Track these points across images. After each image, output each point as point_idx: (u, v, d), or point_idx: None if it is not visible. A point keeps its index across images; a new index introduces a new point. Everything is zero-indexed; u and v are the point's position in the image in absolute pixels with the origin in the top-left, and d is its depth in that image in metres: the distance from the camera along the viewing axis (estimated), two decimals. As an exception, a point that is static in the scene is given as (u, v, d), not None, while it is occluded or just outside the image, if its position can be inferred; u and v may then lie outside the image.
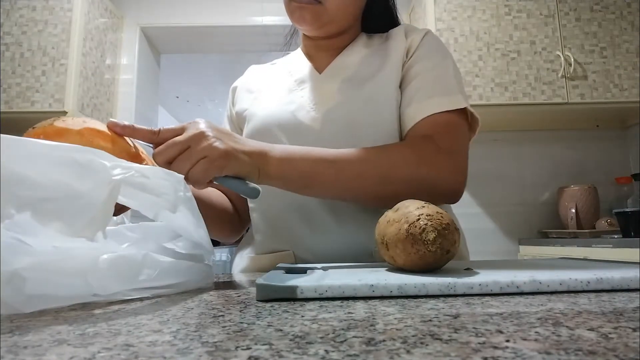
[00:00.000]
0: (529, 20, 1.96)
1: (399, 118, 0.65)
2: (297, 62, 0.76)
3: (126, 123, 0.47)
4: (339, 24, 0.70)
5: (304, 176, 0.54)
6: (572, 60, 1.91)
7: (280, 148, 0.54)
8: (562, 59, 1.91)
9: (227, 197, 0.77)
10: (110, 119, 0.47)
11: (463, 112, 0.63)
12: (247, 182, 0.51)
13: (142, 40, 2.47)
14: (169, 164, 0.47)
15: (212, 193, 0.74)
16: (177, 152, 0.47)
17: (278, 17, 2.44)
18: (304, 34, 0.76)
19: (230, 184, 0.50)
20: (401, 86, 0.67)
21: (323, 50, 0.74)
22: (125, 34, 2.41)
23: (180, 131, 0.49)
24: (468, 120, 0.65)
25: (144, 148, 0.50)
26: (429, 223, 0.37)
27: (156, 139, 0.48)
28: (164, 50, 2.76)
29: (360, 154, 0.56)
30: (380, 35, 0.75)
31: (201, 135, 0.48)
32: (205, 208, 0.70)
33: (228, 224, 0.75)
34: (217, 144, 0.47)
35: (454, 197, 0.60)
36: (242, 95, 0.78)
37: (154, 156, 0.48)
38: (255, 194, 0.51)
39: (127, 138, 0.48)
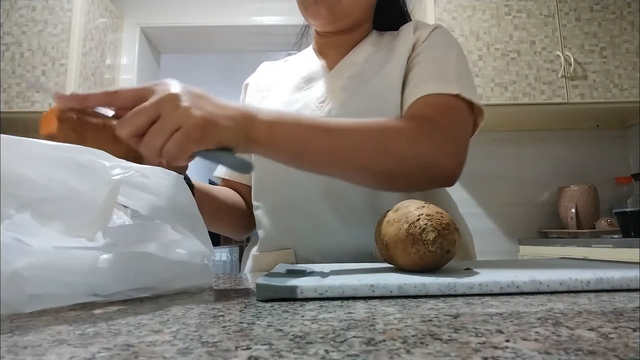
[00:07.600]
0: (529, 20, 1.96)
1: None
2: (308, 60, 0.77)
3: (71, 92, 0.40)
4: (353, 17, 0.70)
5: (296, 143, 0.47)
6: (572, 60, 1.91)
7: (267, 111, 0.47)
8: (562, 59, 1.90)
9: (239, 194, 0.78)
10: (57, 92, 0.40)
11: (464, 100, 0.61)
12: (236, 154, 0.43)
13: (142, 40, 2.47)
14: (137, 137, 0.40)
15: (223, 189, 0.75)
16: (145, 122, 0.39)
17: (278, 17, 2.44)
18: (315, 31, 0.76)
19: (214, 158, 0.43)
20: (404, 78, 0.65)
21: (335, 47, 0.74)
22: (125, 34, 2.41)
23: (145, 93, 0.40)
24: (471, 111, 0.63)
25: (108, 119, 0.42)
26: (429, 223, 0.37)
27: (115, 101, 0.41)
28: (164, 50, 2.76)
29: (358, 125, 0.51)
30: (391, 33, 0.74)
31: (172, 100, 0.39)
32: (216, 204, 0.71)
33: (239, 220, 0.76)
34: (192, 110, 0.39)
35: (450, 181, 0.57)
36: (252, 94, 0.79)
37: (117, 128, 0.40)
38: (246, 168, 0.43)
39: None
